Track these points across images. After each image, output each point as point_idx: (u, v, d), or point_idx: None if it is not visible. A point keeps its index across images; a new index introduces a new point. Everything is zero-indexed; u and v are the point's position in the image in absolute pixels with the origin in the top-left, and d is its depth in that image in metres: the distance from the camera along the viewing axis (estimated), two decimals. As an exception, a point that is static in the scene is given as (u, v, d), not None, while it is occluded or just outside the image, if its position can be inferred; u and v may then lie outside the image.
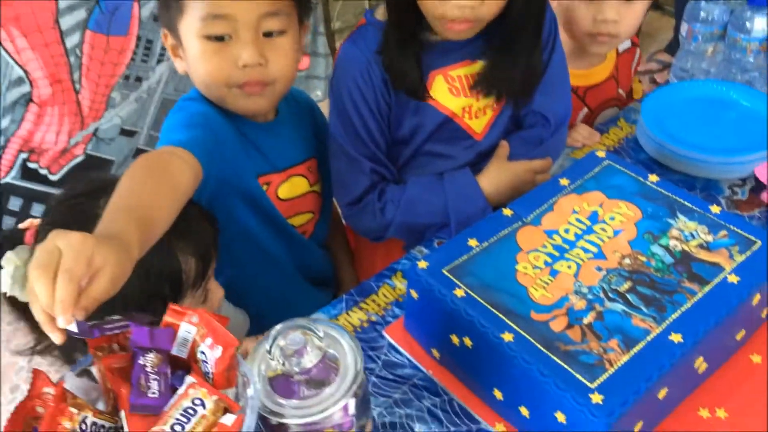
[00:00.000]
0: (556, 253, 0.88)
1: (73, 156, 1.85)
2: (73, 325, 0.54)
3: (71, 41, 1.61)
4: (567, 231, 0.91)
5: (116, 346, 0.60)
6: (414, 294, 0.88)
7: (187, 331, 0.57)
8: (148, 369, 0.55)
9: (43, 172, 1.67)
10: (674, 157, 1.14)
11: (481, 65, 1.06)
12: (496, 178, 1.06)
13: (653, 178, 0.97)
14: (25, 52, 1.56)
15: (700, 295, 0.81)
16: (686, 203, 0.92)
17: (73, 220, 0.72)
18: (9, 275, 0.69)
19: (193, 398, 0.52)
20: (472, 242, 0.90)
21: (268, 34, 0.99)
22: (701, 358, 0.79)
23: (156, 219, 0.72)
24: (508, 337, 0.78)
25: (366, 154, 1.05)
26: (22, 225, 0.85)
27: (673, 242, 0.88)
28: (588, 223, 0.92)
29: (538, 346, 0.77)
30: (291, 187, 1.11)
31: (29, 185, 1.65)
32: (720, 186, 1.13)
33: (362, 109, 1.03)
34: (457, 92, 1.06)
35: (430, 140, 1.07)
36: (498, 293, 0.83)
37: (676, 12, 2.35)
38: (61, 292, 0.54)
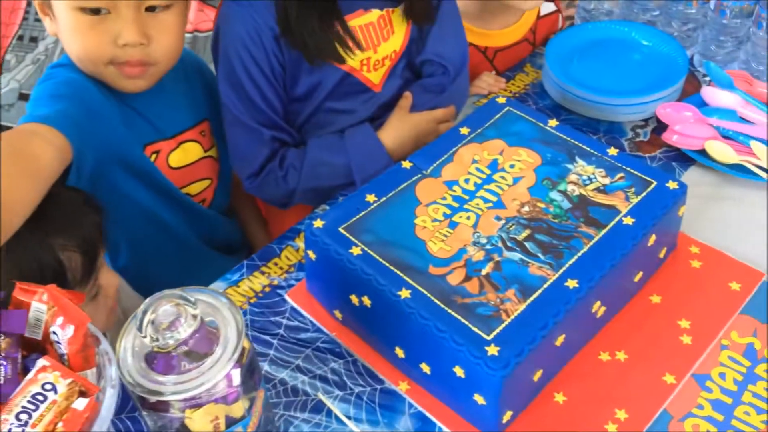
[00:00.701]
0: (456, 205, 0.86)
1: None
2: None
3: (-44, 2, 1.49)
4: (467, 181, 0.89)
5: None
6: (311, 255, 0.85)
7: (38, 310, 0.52)
8: (-5, 354, 0.51)
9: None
10: (577, 100, 1.13)
11: (377, 14, 1.02)
12: (397, 131, 1.02)
13: (553, 123, 0.95)
14: None
15: (596, 239, 0.80)
16: (585, 147, 0.91)
17: None
18: None
19: (43, 383, 0.48)
20: (370, 198, 0.87)
21: (151, 9, 0.92)
22: (598, 303, 0.79)
23: (11, 206, 0.66)
24: (405, 293, 0.76)
25: (264, 122, 1.00)
26: None
27: (571, 187, 0.87)
28: (488, 172, 0.90)
29: (436, 301, 0.75)
30: (183, 154, 1.05)
31: None
32: (623, 128, 1.12)
33: (254, 74, 0.97)
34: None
35: (329, 97, 1.03)
36: (396, 249, 0.81)
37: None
38: None
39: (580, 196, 0.85)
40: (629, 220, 0.82)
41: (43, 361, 0.50)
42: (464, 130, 0.95)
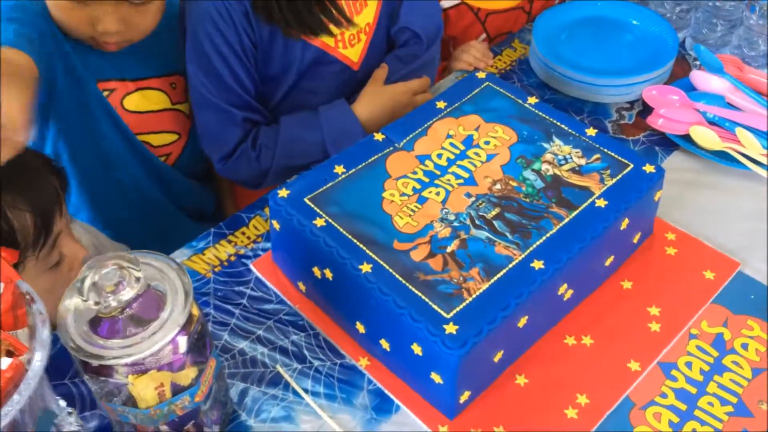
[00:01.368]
0: (426, 180, 0.84)
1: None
2: None
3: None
4: (440, 156, 0.87)
5: None
6: (276, 225, 0.83)
7: (-34, 268, 0.50)
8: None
9: None
10: (562, 79, 1.10)
11: None
12: (372, 103, 0.99)
13: (532, 101, 0.93)
14: None
15: (566, 220, 0.78)
16: (563, 126, 0.89)
17: None
18: None
19: (-34, 344, 0.46)
20: (339, 169, 0.84)
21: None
22: (565, 285, 0.77)
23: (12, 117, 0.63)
24: (366, 268, 0.74)
25: (235, 103, 0.96)
26: None
27: (545, 166, 0.84)
28: (462, 147, 0.88)
29: (397, 276, 0.73)
30: (142, 100, 1.02)
31: None
32: (608, 110, 1.10)
33: (224, 52, 0.93)
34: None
35: (304, 77, 0.99)
36: (361, 222, 0.79)
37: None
38: None
39: (553, 176, 0.83)
40: (602, 203, 0.80)
41: (-32, 321, 0.48)
42: (441, 104, 0.93)
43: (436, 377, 0.71)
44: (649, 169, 0.83)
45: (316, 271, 0.79)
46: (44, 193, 0.76)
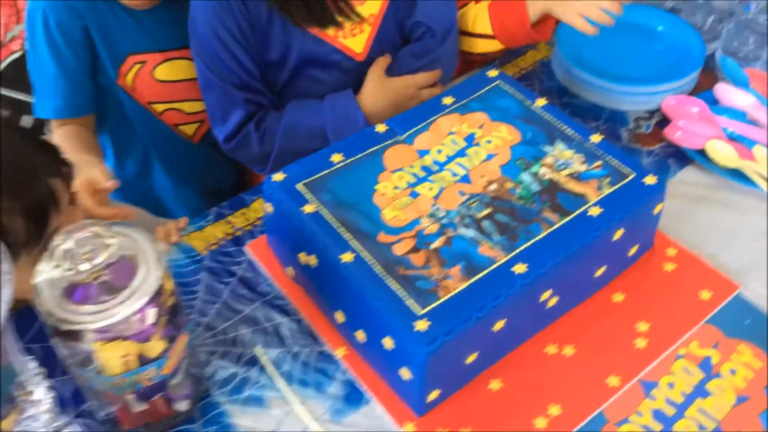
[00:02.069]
0: (422, 174, 0.83)
1: (11, 51, 1.76)
2: None
3: None
4: (439, 152, 0.86)
5: None
6: (268, 208, 0.83)
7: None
8: None
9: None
10: (581, 84, 1.08)
11: None
12: (375, 96, 0.98)
13: (540, 102, 0.91)
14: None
15: (556, 225, 0.77)
16: (568, 130, 0.87)
17: None
18: None
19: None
20: (336, 157, 0.85)
21: None
22: (549, 292, 0.76)
23: None
24: (347, 257, 0.74)
25: (236, 84, 0.97)
26: None
27: (543, 170, 0.83)
28: (463, 144, 0.87)
29: (377, 268, 0.73)
30: (171, 69, 1.05)
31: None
32: (626, 118, 1.07)
33: (223, 36, 0.94)
34: None
35: (307, 64, 0.99)
36: (350, 212, 0.79)
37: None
38: None
39: (551, 180, 0.82)
40: (596, 211, 0.78)
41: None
42: (448, 100, 0.92)
43: (406, 373, 0.71)
44: (650, 180, 0.81)
45: (302, 257, 0.80)
46: (37, 194, 0.74)
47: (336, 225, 0.77)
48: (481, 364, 0.76)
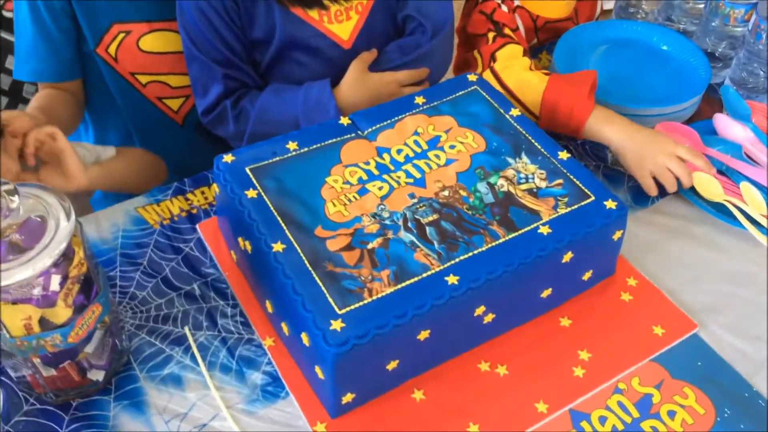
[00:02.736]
0: (376, 172, 0.81)
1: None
2: None
3: None
4: (399, 152, 0.83)
5: None
6: (216, 189, 0.82)
7: None
8: None
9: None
10: (572, 98, 1.03)
11: None
12: (352, 89, 0.96)
13: (515, 113, 0.88)
14: None
15: (500, 240, 0.74)
16: (536, 144, 0.84)
17: None
18: None
19: None
20: (292, 145, 0.83)
21: None
22: (483, 308, 0.73)
23: None
24: (278, 247, 0.72)
25: (218, 59, 0.96)
26: None
27: (501, 182, 0.80)
28: (425, 147, 0.84)
29: (305, 262, 0.71)
30: (158, 41, 1.04)
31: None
32: (615, 139, 1.03)
33: (207, 11, 0.93)
34: None
35: (291, 47, 0.97)
36: (292, 202, 0.77)
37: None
38: None
39: (506, 194, 0.78)
40: (545, 230, 0.75)
41: None
42: (419, 99, 0.89)
43: (319, 371, 0.69)
44: (610, 204, 0.77)
45: (241, 242, 0.78)
46: None
47: (274, 213, 0.75)
48: (405, 373, 0.73)
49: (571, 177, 0.80)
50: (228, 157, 0.81)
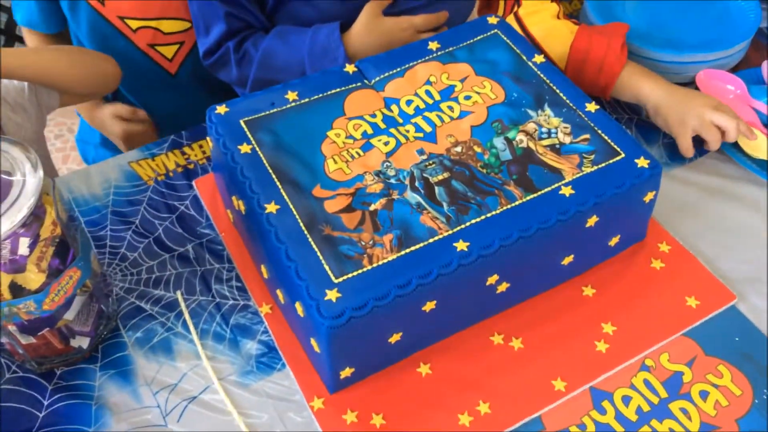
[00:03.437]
0: (383, 126, 0.74)
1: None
2: None
3: None
4: (409, 103, 0.76)
5: None
6: (209, 142, 0.76)
7: None
8: None
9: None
10: (604, 44, 0.94)
11: None
12: (364, 35, 0.88)
13: (538, 59, 0.79)
14: None
15: (517, 202, 0.66)
16: (561, 94, 0.76)
17: None
18: None
19: None
20: (291, 95, 0.76)
21: None
22: (496, 276, 0.66)
23: None
24: (271, 208, 0.66)
25: None
26: None
27: (520, 137, 0.72)
28: (438, 98, 0.76)
29: (300, 224, 0.65)
30: None
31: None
32: (651, 89, 0.93)
33: None
34: None
35: None
36: (289, 158, 0.70)
37: None
38: None
39: (525, 150, 0.71)
40: (567, 191, 0.67)
41: None
42: (433, 45, 0.81)
43: (315, 345, 0.63)
44: (641, 163, 0.69)
45: (235, 201, 0.72)
46: None
47: (270, 170, 0.69)
48: (410, 346, 0.67)
49: (599, 131, 0.72)
50: (221, 108, 0.74)
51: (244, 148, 0.70)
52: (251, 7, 0.90)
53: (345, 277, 0.61)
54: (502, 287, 0.68)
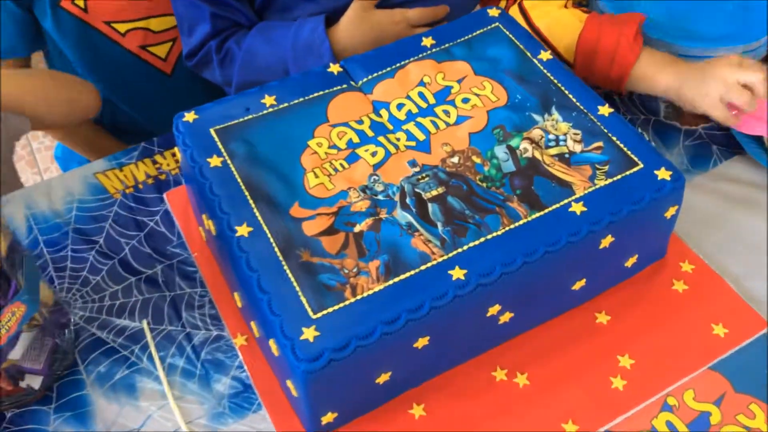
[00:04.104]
0: (370, 134, 0.66)
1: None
2: None
3: None
4: (400, 107, 0.68)
5: None
6: (178, 154, 0.68)
7: None
8: None
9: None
10: (617, 37, 0.86)
11: None
12: (352, 29, 0.79)
13: (545, 56, 0.71)
14: None
15: (522, 221, 0.58)
16: (570, 96, 0.67)
17: None
18: None
19: None
20: (269, 100, 0.68)
21: None
22: (498, 306, 0.58)
23: None
24: (243, 231, 0.58)
25: None
26: None
27: (525, 145, 0.64)
28: (432, 101, 0.68)
29: (275, 250, 0.57)
30: None
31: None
32: (669, 86, 0.85)
33: None
34: None
35: None
36: (265, 172, 0.62)
37: None
38: None
39: (531, 160, 0.63)
40: (578, 208, 0.59)
41: None
42: (427, 41, 0.73)
43: (292, 387, 0.55)
44: (662, 174, 0.61)
45: (205, 220, 0.65)
46: None
47: (242, 187, 0.61)
48: (401, 385, 0.60)
49: (614, 138, 0.64)
50: (189, 116, 0.66)
51: (214, 161, 0.63)
52: (238, 5, 0.82)
53: (324, 312, 0.53)
54: (505, 317, 0.60)
